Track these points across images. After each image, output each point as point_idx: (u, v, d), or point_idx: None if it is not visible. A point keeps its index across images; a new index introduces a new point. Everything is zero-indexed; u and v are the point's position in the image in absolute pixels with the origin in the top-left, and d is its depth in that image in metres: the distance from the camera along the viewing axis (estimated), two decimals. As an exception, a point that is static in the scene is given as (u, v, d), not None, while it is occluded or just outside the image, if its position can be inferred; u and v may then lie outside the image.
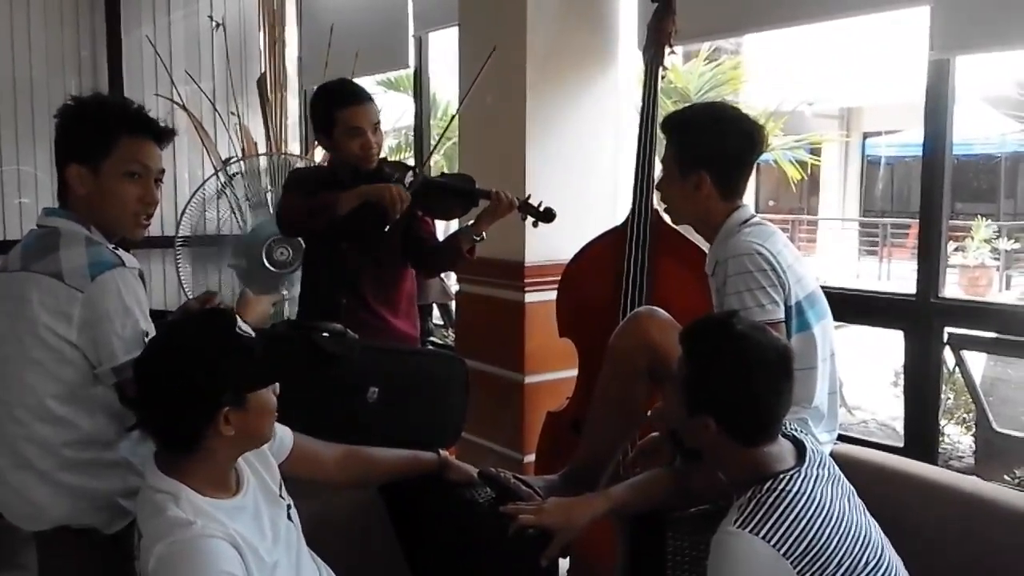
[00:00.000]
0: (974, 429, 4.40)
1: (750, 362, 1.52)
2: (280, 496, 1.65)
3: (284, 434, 1.78)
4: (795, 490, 1.52)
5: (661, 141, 2.80)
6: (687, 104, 3.97)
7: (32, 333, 1.71)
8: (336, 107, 2.56)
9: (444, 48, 4.37)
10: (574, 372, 2.84)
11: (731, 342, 1.53)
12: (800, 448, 1.61)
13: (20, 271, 1.76)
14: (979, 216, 11.68)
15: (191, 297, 2.21)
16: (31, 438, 1.74)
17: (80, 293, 1.69)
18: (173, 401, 1.45)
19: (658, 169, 2.77)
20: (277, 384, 1.54)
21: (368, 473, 1.94)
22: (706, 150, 2.02)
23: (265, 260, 4.32)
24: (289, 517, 1.65)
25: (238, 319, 1.52)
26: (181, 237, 4.53)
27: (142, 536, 1.46)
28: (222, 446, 1.48)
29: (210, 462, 1.50)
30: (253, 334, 1.51)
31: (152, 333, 1.74)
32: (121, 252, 1.79)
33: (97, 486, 1.76)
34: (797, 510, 1.50)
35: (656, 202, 2.70)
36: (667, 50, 2.75)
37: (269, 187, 4.58)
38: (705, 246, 2.21)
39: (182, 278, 4.52)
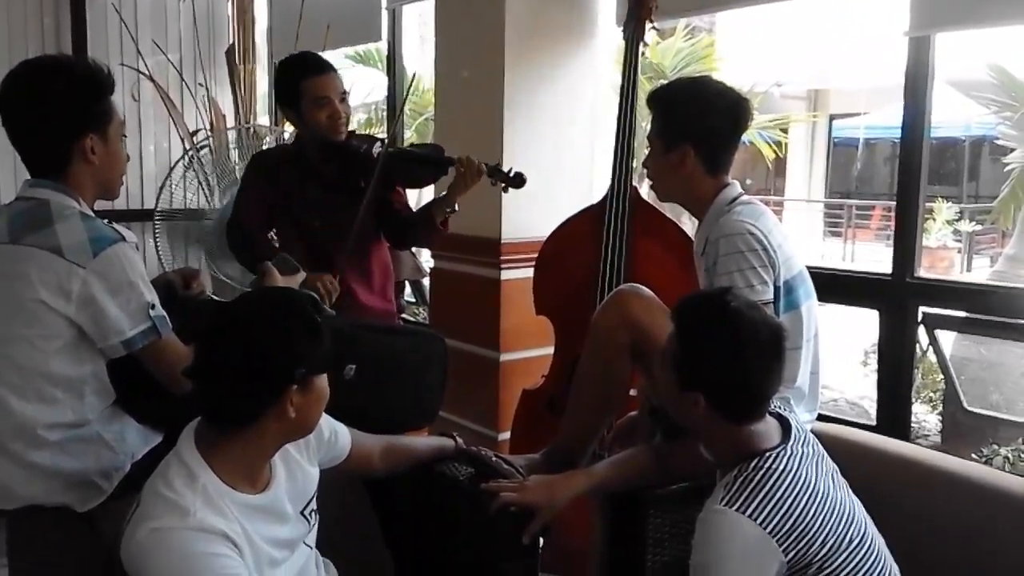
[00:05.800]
0: (940, 407, 4.46)
1: (743, 340, 1.51)
2: (303, 514, 1.59)
3: (344, 438, 1.75)
4: (781, 468, 1.52)
5: (640, 119, 2.79)
6: (663, 81, 3.95)
7: (26, 309, 1.67)
8: (301, 78, 2.52)
9: (415, 21, 4.31)
10: (550, 350, 2.82)
11: (725, 319, 1.52)
12: (785, 426, 1.61)
13: (10, 244, 1.71)
14: (940, 198, 11.84)
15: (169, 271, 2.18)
16: (8, 417, 1.69)
17: (81, 268, 1.66)
18: (248, 371, 1.39)
19: (637, 146, 2.76)
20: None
21: (403, 463, 1.91)
22: (689, 124, 2.00)
23: None
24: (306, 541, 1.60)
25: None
26: (160, 211, 4.42)
27: (139, 505, 1.39)
28: (273, 430, 1.44)
29: (252, 448, 1.44)
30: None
31: (156, 303, 1.73)
32: (118, 226, 1.76)
33: (71, 465, 1.72)
34: (783, 488, 1.50)
35: (636, 180, 2.69)
36: (648, 25, 2.72)
37: (237, 161, 4.50)
38: (684, 224, 2.19)
39: (160, 253, 4.43)
